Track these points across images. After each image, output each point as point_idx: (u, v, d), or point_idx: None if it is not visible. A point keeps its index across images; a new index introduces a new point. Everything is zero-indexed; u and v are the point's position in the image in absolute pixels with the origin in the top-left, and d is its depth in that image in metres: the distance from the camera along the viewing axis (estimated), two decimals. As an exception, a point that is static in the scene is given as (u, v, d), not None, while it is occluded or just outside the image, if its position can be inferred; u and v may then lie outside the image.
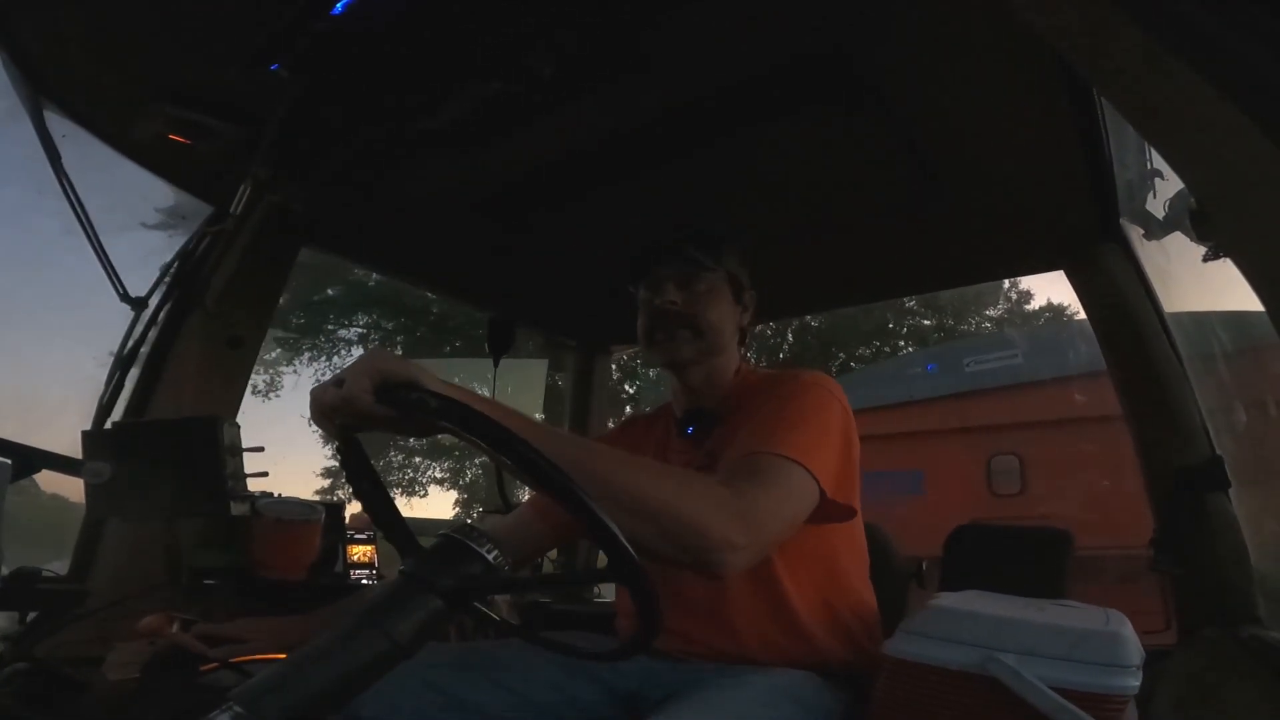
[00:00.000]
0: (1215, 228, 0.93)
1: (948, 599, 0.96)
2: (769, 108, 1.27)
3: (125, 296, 1.42)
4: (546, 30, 1.06)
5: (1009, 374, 6.91)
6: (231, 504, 1.14)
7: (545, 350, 2.60)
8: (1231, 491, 1.42)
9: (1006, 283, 14.23)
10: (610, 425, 2.69)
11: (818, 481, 0.97)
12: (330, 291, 13.09)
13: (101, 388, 1.39)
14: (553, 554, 2.18)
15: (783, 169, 1.48)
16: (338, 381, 0.72)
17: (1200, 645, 1.29)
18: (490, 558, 0.60)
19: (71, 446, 1.22)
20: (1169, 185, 1.33)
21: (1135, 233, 1.52)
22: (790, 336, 14.57)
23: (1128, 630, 0.86)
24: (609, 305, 1.33)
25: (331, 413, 0.73)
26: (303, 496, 1.59)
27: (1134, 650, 0.83)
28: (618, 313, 1.48)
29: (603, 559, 0.62)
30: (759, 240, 1.74)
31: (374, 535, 1.79)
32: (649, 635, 0.65)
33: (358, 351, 13.74)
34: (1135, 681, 0.81)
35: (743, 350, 1.33)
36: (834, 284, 2.09)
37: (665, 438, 1.30)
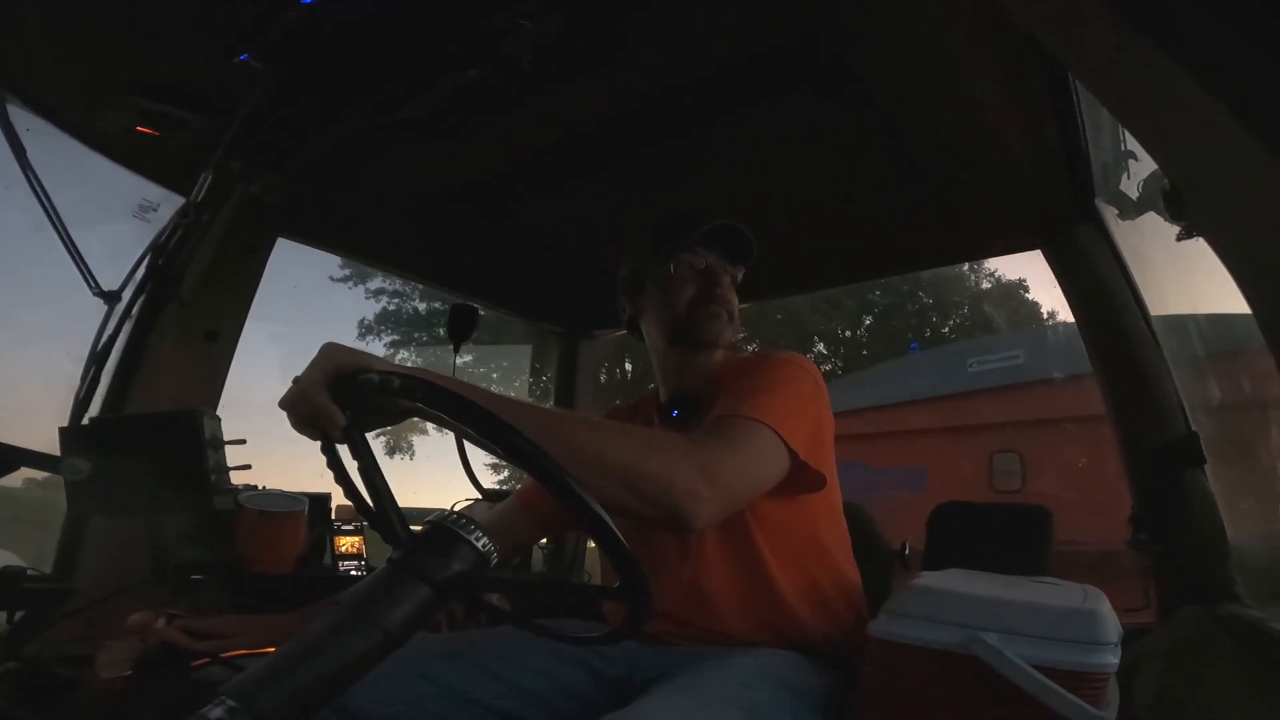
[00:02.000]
0: (1188, 207, 0.94)
1: (930, 578, 0.97)
2: (747, 93, 1.27)
3: (98, 291, 1.39)
4: (525, 19, 1.04)
5: (1011, 374, 6.93)
6: (214, 498, 1.13)
7: (529, 336, 2.58)
8: (1207, 468, 1.44)
9: (1045, 312, 14.69)
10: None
11: (787, 444, 0.98)
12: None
13: (77, 383, 1.37)
14: (542, 540, 2.18)
15: (762, 154, 1.48)
16: (295, 380, 0.72)
17: (1180, 623, 1.30)
18: (480, 545, 0.60)
19: (48, 443, 1.21)
20: (1142, 166, 1.35)
21: (1110, 213, 1.53)
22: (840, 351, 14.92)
23: (1105, 607, 0.88)
24: (593, 290, 1.32)
25: (290, 409, 0.72)
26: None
27: (1112, 627, 0.85)
28: (602, 298, 1.48)
29: (593, 559, 0.62)
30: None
31: (361, 526, 1.78)
32: (639, 619, 0.66)
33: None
34: (1114, 659, 0.82)
35: None
36: (815, 266, 2.10)
37: (649, 424, 1.30)
